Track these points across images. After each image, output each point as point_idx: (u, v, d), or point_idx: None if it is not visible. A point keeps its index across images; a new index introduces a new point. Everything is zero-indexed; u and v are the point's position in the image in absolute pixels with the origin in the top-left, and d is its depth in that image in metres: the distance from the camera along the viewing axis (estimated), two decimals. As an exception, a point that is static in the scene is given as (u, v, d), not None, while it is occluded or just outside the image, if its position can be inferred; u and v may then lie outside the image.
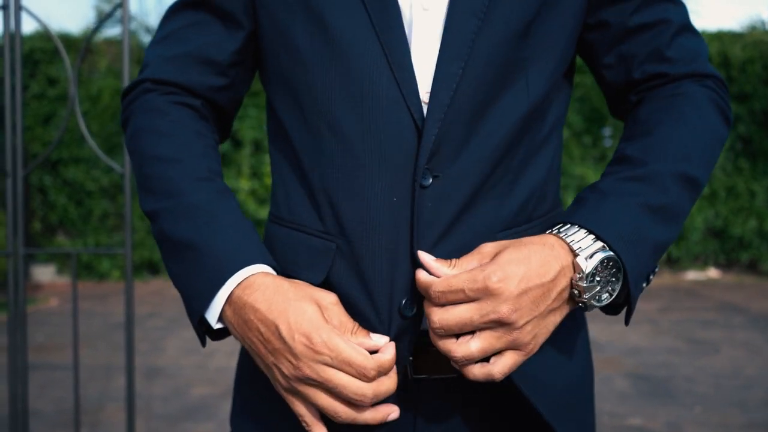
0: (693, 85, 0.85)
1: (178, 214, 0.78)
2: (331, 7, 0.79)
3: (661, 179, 0.77)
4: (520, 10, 0.79)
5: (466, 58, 0.77)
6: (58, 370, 5.06)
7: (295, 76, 0.82)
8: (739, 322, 6.87)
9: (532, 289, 0.71)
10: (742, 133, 10.64)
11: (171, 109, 0.86)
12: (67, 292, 9.83)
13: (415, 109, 0.78)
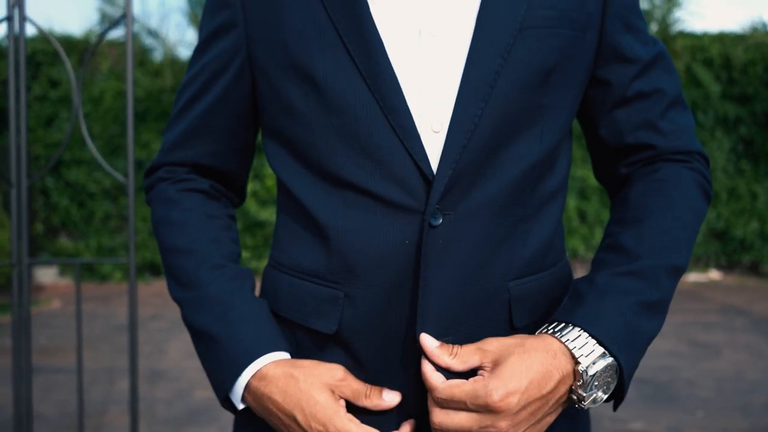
0: (680, 168, 0.89)
1: (197, 305, 0.85)
2: (318, 63, 0.79)
3: (654, 274, 0.80)
4: (542, 54, 0.79)
5: (486, 99, 0.77)
6: (60, 373, 5.07)
7: (296, 134, 0.84)
8: (740, 324, 6.87)
9: (531, 403, 0.73)
10: (743, 135, 10.64)
11: (182, 198, 0.91)
12: (69, 293, 9.84)
13: (416, 151, 0.78)
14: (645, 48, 0.88)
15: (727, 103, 10.60)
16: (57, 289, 10.21)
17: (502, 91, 0.78)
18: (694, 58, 10.54)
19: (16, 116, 1.85)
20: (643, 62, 0.88)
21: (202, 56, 0.89)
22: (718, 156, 10.64)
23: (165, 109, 10.70)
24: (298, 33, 0.80)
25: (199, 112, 0.89)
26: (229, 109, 0.89)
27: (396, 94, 0.78)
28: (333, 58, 0.79)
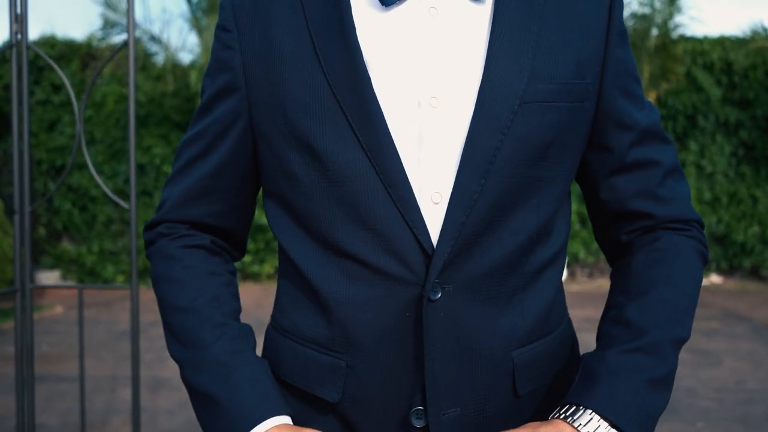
0: (679, 238, 0.90)
1: (199, 366, 0.84)
2: (319, 134, 0.80)
3: (662, 349, 0.81)
4: (541, 129, 0.80)
5: (486, 175, 0.78)
6: (63, 381, 5.09)
7: (296, 200, 0.84)
8: (741, 331, 6.87)
9: None
10: (744, 139, 10.64)
11: (183, 255, 0.91)
12: (71, 297, 9.84)
13: (416, 225, 0.78)
14: (642, 114, 0.89)
15: (727, 108, 10.60)
16: (59, 293, 10.22)
17: (501, 167, 0.79)
18: (694, 62, 10.54)
19: (19, 141, 1.87)
20: (641, 129, 0.89)
21: (205, 117, 0.89)
22: (718, 160, 10.64)
23: (166, 114, 10.72)
24: (300, 102, 0.81)
25: (203, 173, 0.90)
26: (232, 171, 0.90)
27: (396, 166, 0.78)
28: (334, 130, 0.80)
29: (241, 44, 0.86)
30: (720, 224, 10.78)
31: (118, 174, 10.81)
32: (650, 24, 10.04)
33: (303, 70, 0.81)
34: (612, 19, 0.87)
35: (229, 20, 0.88)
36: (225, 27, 0.89)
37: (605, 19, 0.87)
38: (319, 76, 0.80)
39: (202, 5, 10.08)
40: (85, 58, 11.01)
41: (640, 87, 0.90)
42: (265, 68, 0.83)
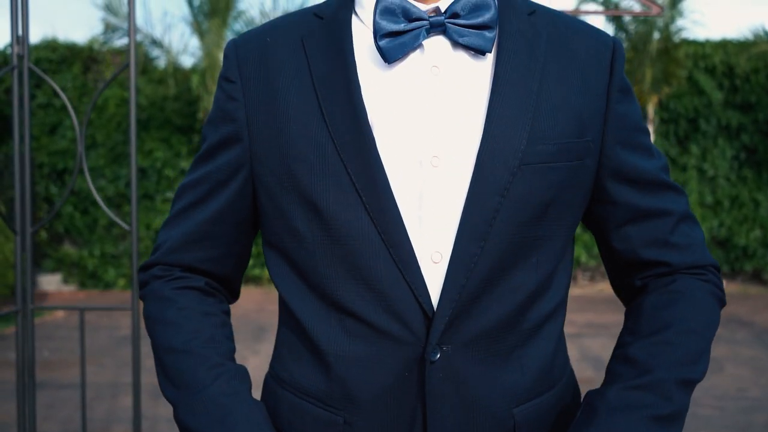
0: (694, 281, 0.88)
1: (194, 407, 0.82)
2: (322, 192, 0.80)
3: (666, 388, 0.79)
4: (540, 190, 0.80)
5: (486, 237, 0.78)
6: (64, 388, 5.09)
7: (298, 254, 0.84)
8: (743, 337, 6.86)
9: None
10: (746, 142, 10.63)
11: (178, 297, 0.89)
12: (73, 301, 9.87)
13: (416, 286, 0.78)
14: (649, 163, 0.88)
15: (729, 111, 10.59)
16: (61, 297, 10.25)
17: (500, 228, 0.79)
18: (696, 65, 10.53)
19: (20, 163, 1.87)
20: (648, 180, 0.87)
21: (207, 164, 0.89)
22: (720, 164, 10.64)
23: (168, 117, 10.73)
24: (303, 158, 0.81)
25: (201, 219, 0.89)
26: (230, 219, 0.89)
27: (398, 228, 0.78)
28: (337, 189, 0.80)
29: (245, 95, 0.86)
30: (722, 228, 10.78)
31: (120, 177, 10.83)
32: (652, 27, 10.03)
33: (307, 125, 0.81)
34: (613, 75, 0.87)
35: (233, 71, 0.88)
36: (229, 78, 0.88)
37: (606, 74, 0.86)
38: (323, 132, 0.80)
39: (203, 9, 10.09)
40: (87, 62, 11.02)
41: (647, 136, 0.89)
42: (269, 121, 0.83)
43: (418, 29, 0.80)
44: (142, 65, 10.17)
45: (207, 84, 10.13)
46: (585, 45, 0.84)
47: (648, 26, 10.07)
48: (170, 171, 10.83)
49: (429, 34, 0.81)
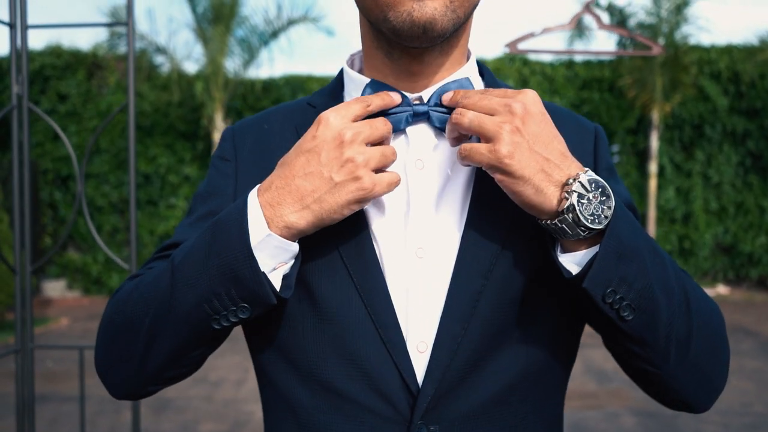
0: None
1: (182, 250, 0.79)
2: (314, 270, 0.80)
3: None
4: (524, 271, 0.80)
5: (469, 318, 0.78)
6: (67, 402, 5.09)
7: (285, 337, 0.83)
8: (748, 348, 6.83)
9: (544, 130, 0.74)
10: (751, 149, 10.59)
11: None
12: (76, 307, 9.89)
13: (404, 367, 0.78)
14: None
15: (734, 117, 10.55)
16: (65, 303, 10.27)
17: (484, 310, 0.79)
18: (701, 71, 10.49)
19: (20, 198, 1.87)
20: None
21: (192, 231, 0.87)
22: (725, 170, 10.60)
23: (171, 123, 10.75)
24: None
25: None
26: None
27: (388, 310, 0.79)
28: (330, 270, 0.80)
29: (237, 174, 0.88)
30: (727, 234, 10.73)
31: (124, 183, 10.85)
32: (657, 34, 9.99)
33: None
34: (598, 158, 0.88)
35: (229, 151, 0.90)
36: (224, 156, 0.90)
37: (591, 158, 0.88)
38: None
39: (207, 15, 10.09)
40: (91, 68, 11.04)
41: (636, 213, 0.88)
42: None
43: (401, 113, 0.81)
44: (146, 72, 10.18)
45: (211, 90, 10.14)
46: (567, 132, 0.83)
47: (653, 32, 10.03)
48: (174, 177, 10.84)
49: (413, 120, 0.82)
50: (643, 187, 10.65)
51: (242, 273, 0.72)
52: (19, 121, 1.88)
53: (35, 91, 10.93)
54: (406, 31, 0.77)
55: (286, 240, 0.75)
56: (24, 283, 1.84)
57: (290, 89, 10.78)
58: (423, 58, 0.82)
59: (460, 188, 0.82)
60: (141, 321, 0.79)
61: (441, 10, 0.76)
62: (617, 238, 0.72)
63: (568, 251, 0.75)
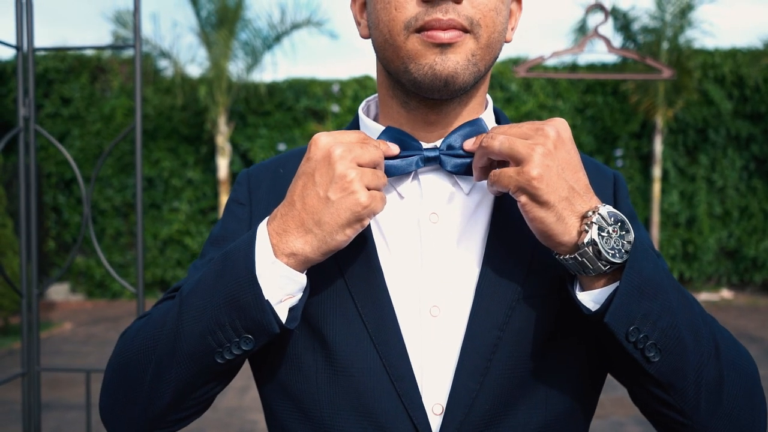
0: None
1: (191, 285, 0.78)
2: (330, 323, 0.80)
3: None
4: (541, 322, 0.79)
5: (485, 372, 0.77)
6: (72, 410, 5.09)
7: (298, 386, 0.82)
8: (753, 354, 6.76)
9: (574, 158, 0.73)
10: (755, 153, 10.55)
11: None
12: (80, 311, 9.90)
13: (420, 421, 0.77)
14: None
15: (739, 121, 10.52)
16: (69, 307, 10.28)
17: (500, 363, 0.77)
18: (705, 75, 10.47)
19: (27, 223, 1.87)
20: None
21: (213, 252, 0.87)
22: (729, 174, 10.57)
23: (175, 127, 10.75)
24: (313, 289, 0.80)
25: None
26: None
27: (404, 362, 0.78)
28: (345, 322, 0.79)
29: (252, 218, 0.87)
30: (731, 238, 10.70)
31: (127, 187, 10.86)
32: (661, 38, 9.96)
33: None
34: (618, 204, 0.87)
35: (243, 194, 0.90)
36: (239, 200, 0.90)
37: (611, 204, 0.87)
38: (331, 262, 0.80)
39: (210, 20, 10.09)
40: (95, 72, 11.05)
41: (662, 261, 0.86)
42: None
43: (412, 157, 0.81)
44: (149, 76, 10.18)
45: (214, 94, 10.14)
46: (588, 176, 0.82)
47: (657, 36, 10.01)
48: (177, 180, 10.85)
49: (424, 164, 0.81)
50: (646, 191, 10.63)
51: (245, 300, 0.72)
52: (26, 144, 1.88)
53: (39, 95, 10.95)
54: (427, 84, 0.77)
55: (293, 269, 0.74)
56: (31, 307, 1.83)
57: (293, 93, 10.77)
58: (440, 108, 0.82)
59: (474, 242, 0.81)
60: (148, 358, 0.78)
61: (463, 63, 0.76)
62: (638, 272, 0.70)
63: (587, 289, 0.74)
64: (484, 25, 0.76)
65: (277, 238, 0.73)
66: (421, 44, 0.75)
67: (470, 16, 0.75)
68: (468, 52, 0.76)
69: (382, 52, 0.80)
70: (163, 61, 10.24)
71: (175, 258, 10.90)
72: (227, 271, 0.74)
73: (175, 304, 0.78)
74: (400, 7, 0.76)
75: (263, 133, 10.76)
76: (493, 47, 0.79)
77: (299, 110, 10.77)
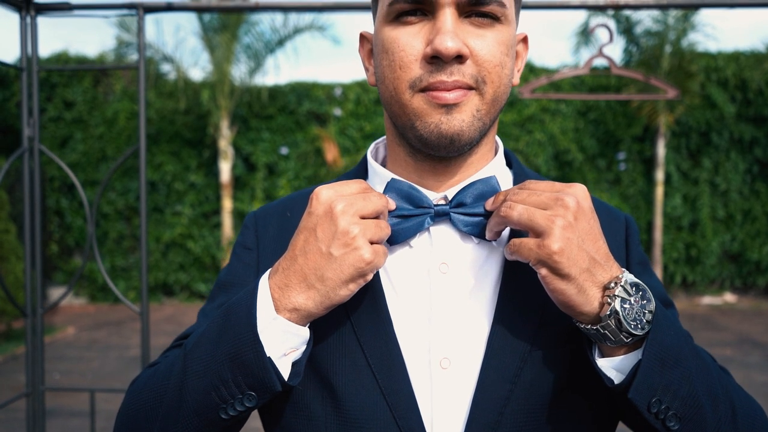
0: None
1: (195, 343, 0.77)
2: (338, 372, 0.79)
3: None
4: (553, 374, 0.78)
5: (496, 425, 0.76)
6: (75, 416, 5.09)
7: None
8: (756, 360, 6.79)
9: (594, 227, 0.72)
10: (759, 156, 10.53)
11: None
12: (83, 315, 9.91)
13: None
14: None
15: (742, 125, 10.50)
16: (71, 310, 10.28)
17: (511, 416, 0.77)
18: (708, 78, 10.45)
19: (31, 242, 1.86)
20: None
21: (221, 297, 0.87)
22: (732, 178, 10.55)
23: (177, 131, 10.75)
24: (319, 334, 0.80)
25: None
26: None
27: (414, 415, 0.77)
28: (354, 372, 0.79)
29: (260, 263, 0.87)
30: (734, 242, 10.68)
31: (130, 191, 10.86)
32: (663, 41, 9.95)
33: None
34: (630, 250, 0.87)
35: (251, 239, 0.89)
36: (246, 245, 0.89)
37: (623, 250, 0.86)
38: (340, 310, 0.79)
39: (213, 24, 10.09)
40: (97, 75, 11.06)
41: (674, 309, 0.86)
42: None
43: (422, 216, 0.80)
44: (152, 80, 10.19)
45: (217, 98, 10.14)
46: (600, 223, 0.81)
47: (660, 39, 9.99)
48: (180, 184, 10.85)
49: (434, 221, 0.81)
50: (649, 194, 10.61)
51: (247, 357, 0.71)
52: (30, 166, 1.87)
53: (41, 99, 10.96)
54: (433, 142, 0.76)
55: (295, 324, 0.73)
56: (36, 327, 1.83)
57: (296, 96, 10.77)
58: (449, 160, 0.81)
59: (485, 293, 0.80)
60: (155, 412, 0.78)
61: (468, 121, 0.75)
62: (660, 343, 0.70)
63: (607, 355, 0.73)
64: (489, 81, 0.76)
65: (279, 293, 0.73)
66: (426, 103, 0.75)
67: (475, 74, 0.75)
68: (473, 109, 0.76)
69: (389, 107, 0.79)
70: (165, 65, 10.24)
71: (178, 262, 10.90)
72: (230, 327, 0.73)
73: (180, 357, 0.77)
74: (404, 67, 0.75)
75: (266, 136, 10.76)
76: (498, 100, 0.78)
77: (301, 114, 10.77)
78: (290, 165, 10.73)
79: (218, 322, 0.75)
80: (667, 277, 10.75)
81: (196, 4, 1.90)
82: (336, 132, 10.72)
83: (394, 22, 0.76)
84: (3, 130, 10.77)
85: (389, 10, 0.76)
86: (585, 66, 1.90)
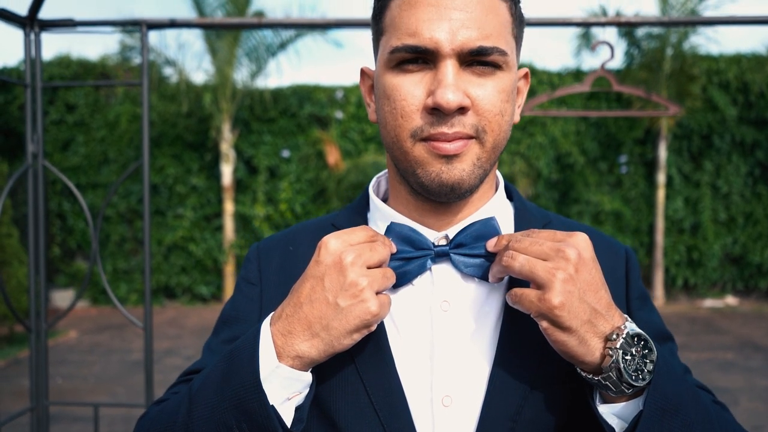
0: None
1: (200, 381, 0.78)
2: (341, 409, 0.80)
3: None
4: (554, 412, 0.78)
5: None
6: (77, 421, 5.10)
7: None
8: (758, 364, 6.79)
9: (596, 277, 0.72)
10: (760, 159, 10.53)
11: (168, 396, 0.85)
12: (85, 318, 9.92)
13: None
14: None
15: (743, 127, 10.50)
16: (74, 313, 10.29)
17: None
18: (710, 81, 10.44)
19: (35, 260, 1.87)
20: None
21: (210, 356, 0.87)
22: (734, 180, 10.55)
23: (179, 134, 10.77)
24: (321, 371, 0.80)
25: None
26: None
27: None
28: (357, 410, 0.79)
29: (263, 298, 0.87)
30: (736, 245, 10.68)
31: (132, 193, 10.88)
32: (665, 44, 9.94)
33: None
34: (630, 284, 0.87)
35: (254, 273, 0.89)
36: (249, 279, 0.89)
37: (623, 284, 0.87)
38: (347, 356, 0.80)
39: (215, 27, 10.09)
40: (99, 78, 11.07)
41: (673, 344, 0.87)
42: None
43: (423, 257, 0.81)
44: (154, 83, 10.20)
45: (219, 101, 10.16)
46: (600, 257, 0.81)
47: (661, 42, 9.99)
48: (181, 187, 10.87)
49: (435, 261, 0.81)
50: (651, 197, 10.61)
51: (251, 406, 0.72)
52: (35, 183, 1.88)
53: (44, 102, 10.97)
54: (434, 190, 0.77)
55: (298, 371, 0.74)
56: (39, 343, 1.84)
57: (297, 99, 10.79)
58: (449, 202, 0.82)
59: (486, 331, 0.81)
60: None
61: (468, 170, 0.76)
62: (661, 393, 0.70)
63: (608, 402, 0.74)
64: (489, 130, 0.76)
65: (282, 340, 0.73)
66: (427, 153, 0.76)
67: (476, 123, 0.75)
68: (473, 158, 0.77)
69: (391, 151, 0.80)
70: (168, 68, 10.25)
71: (180, 264, 10.92)
72: (233, 373, 0.74)
73: (185, 399, 0.78)
74: (406, 116, 0.76)
75: (267, 139, 10.77)
76: (498, 147, 0.79)
77: (303, 117, 10.78)
78: (292, 168, 10.74)
79: (222, 367, 0.76)
80: (669, 280, 10.75)
81: (199, 20, 1.91)
82: (337, 135, 10.73)
83: (396, 69, 0.77)
84: (5, 132, 10.79)
85: (390, 57, 0.76)
86: (586, 83, 1.91)
